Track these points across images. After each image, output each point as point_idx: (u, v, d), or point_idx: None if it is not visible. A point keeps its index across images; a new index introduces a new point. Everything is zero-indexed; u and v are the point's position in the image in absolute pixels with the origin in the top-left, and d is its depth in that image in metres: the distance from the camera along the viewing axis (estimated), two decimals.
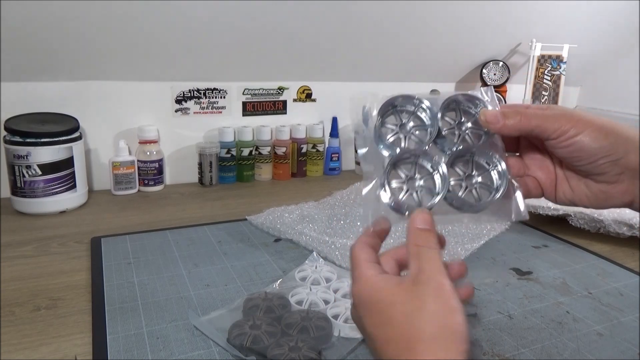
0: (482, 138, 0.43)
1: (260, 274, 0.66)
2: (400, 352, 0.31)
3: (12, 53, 0.89)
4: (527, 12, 1.22)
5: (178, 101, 1.09)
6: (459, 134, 0.43)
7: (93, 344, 0.50)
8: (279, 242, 0.77)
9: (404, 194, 0.41)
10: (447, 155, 0.42)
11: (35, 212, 0.88)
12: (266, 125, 1.15)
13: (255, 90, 1.16)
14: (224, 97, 1.13)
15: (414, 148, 0.42)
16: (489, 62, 1.32)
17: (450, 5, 1.11)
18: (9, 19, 0.82)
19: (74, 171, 0.91)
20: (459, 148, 0.42)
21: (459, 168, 0.42)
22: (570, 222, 0.82)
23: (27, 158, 0.85)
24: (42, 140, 0.86)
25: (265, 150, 1.14)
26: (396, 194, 0.40)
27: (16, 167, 0.86)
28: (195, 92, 1.10)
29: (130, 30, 0.92)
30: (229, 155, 1.11)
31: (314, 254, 0.69)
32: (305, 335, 0.49)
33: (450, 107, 0.43)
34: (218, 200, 1.00)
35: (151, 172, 1.04)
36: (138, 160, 1.03)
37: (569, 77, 1.40)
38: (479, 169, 0.42)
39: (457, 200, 0.41)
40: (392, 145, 0.41)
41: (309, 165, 1.21)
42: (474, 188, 0.42)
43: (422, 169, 0.41)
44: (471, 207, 0.41)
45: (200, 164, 1.09)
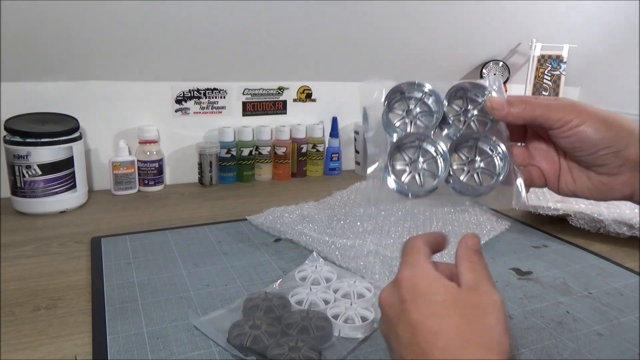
0: (488, 125, 0.44)
1: (260, 274, 0.66)
2: (451, 347, 0.32)
3: (12, 53, 0.89)
4: (527, 12, 1.22)
5: (178, 101, 1.09)
6: (465, 121, 0.44)
7: (93, 344, 0.50)
8: (279, 242, 0.77)
9: (407, 175, 0.42)
10: (452, 140, 0.43)
11: (35, 212, 0.88)
12: (266, 125, 1.15)
13: (255, 90, 1.16)
14: (224, 97, 1.13)
15: (417, 132, 0.43)
16: (489, 62, 1.32)
17: (450, 5, 1.11)
18: (9, 19, 0.82)
19: (74, 171, 0.91)
20: (463, 133, 0.43)
21: (462, 153, 0.43)
22: (570, 222, 0.82)
23: (27, 158, 0.85)
24: (42, 140, 0.86)
25: (265, 150, 1.14)
26: (399, 176, 0.42)
27: (16, 167, 0.86)
28: (195, 92, 1.10)
29: (130, 30, 0.93)
30: (229, 155, 1.11)
31: (314, 254, 0.69)
32: (305, 335, 0.49)
33: (457, 94, 0.44)
34: (218, 200, 1.00)
35: (151, 172, 1.04)
36: (138, 160, 1.03)
37: (569, 77, 1.40)
38: (482, 154, 0.43)
39: (458, 184, 0.42)
40: (398, 130, 0.43)
41: (309, 165, 1.21)
42: (476, 173, 0.43)
43: (426, 153, 0.42)
44: (472, 191, 0.42)
45: (200, 164, 1.09)
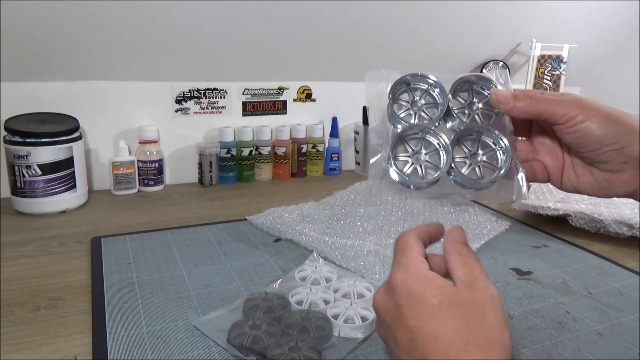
0: (492, 119, 0.43)
1: (260, 274, 0.66)
2: (452, 350, 0.31)
3: (12, 53, 0.89)
4: (527, 12, 1.22)
5: (178, 101, 1.09)
6: (469, 114, 0.43)
7: (93, 344, 0.50)
8: (279, 242, 0.77)
9: (409, 167, 0.42)
10: (456, 133, 0.43)
11: (35, 212, 0.88)
12: (266, 125, 1.15)
13: (255, 90, 1.16)
14: (224, 97, 1.13)
15: (421, 123, 0.43)
16: (489, 62, 1.32)
17: (450, 5, 1.11)
18: (9, 19, 0.82)
19: (74, 171, 0.91)
20: (467, 126, 0.43)
21: (465, 146, 0.43)
22: (570, 222, 0.82)
23: (27, 158, 0.85)
24: (42, 140, 0.86)
25: (265, 150, 1.14)
26: (401, 167, 0.41)
27: (16, 167, 0.86)
28: (195, 92, 1.10)
29: (131, 30, 0.93)
30: (229, 155, 1.11)
31: (314, 254, 0.69)
32: (305, 335, 0.49)
33: (462, 87, 0.44)
34: (218, 200, 1.00)
35: (151, 172, 1.04)
36: (138, 160, 1.03)
37: (569, 77, 1.40)
38: (485, 148, 0.43)
39: (460, 176, 0.42)
40: (403, 121, 0.42)
41: (309, 165, 1.21)
42: (477, 166, 0.43)
43: (428, 145, 0.42)
44: (473, 184, 0.42)
45: (200, 164, 1.09)
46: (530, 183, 0.44)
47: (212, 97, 1.12)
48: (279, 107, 1.19)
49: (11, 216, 0.87)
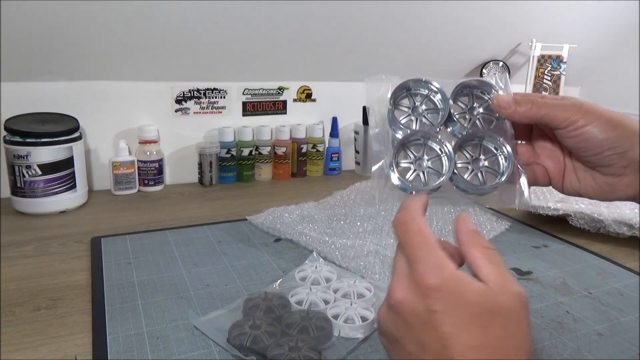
0: (493, 123, 0.43)
1: (260, 274, 0.66)
2: None
3: (12, 53, 0.89)
4: (527, 12, 1.22)
5: (178, 101, 1.09)
6: (470, 119, 0.43)
7: (93, 344, 0.50)
8: (279, 242, 0.77)
9: (412, 173, 0.42)
10: (457, 138, 0.43)
11: (35, 212, 0.88)
12: (266, 125, 1.15)
13: (255, 90, 1.16)
14: (224, 97, 1.13)
15: (423, 130, 0.42)
16: (489, 62, 1.32)
17: (450, 5, 1.11)
18: (9, 19, 0.82)
19: (74, 171, 0.91)
20: (468, 132, 0.43)
21: (467, 152, 0.43)
22: (570, 222, 0.82)
23: (27, 158, 0.85)
24: (42, 140, 0.86)
25: (265, 150, 1.14)
26: (404, 173, 0.41)
27: (16, 167, 0.86)
28: (195, 92, 1.10)
29: (130, 30, 0.93)
30: (229, 155, 1.11)
31: (314, 254, 0.69)
32: (305, 335, 0.49)
33: (463, 92, 0.44)
34: (218, 200, 1.00)
35: (151, 172, 1.04)
36: (138, 160, 1.03)
37: (569, 77, 1.40)
38: (486, 153, 0.43)
39: (462, 182, 0.42)
40: (404, 127, 0.42)
41: (309, 165, 1.21)
42: (479, 171, 0.43)
43: (430, 151, 0.42)
44: (476, 189, 0.42)
45: (200, 164, 1.09)
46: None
47: (212, 97, 1.12)
48: (279, 107, 1.19)
49: (11, 216, 0.87)
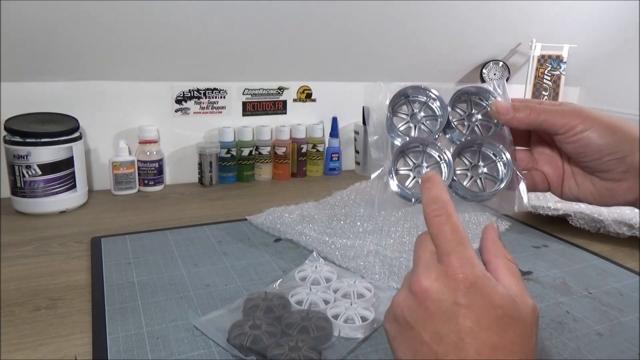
0: (492, 130, 0.43)
1: (260, 274, 0.66)
2: None
3: (12, 53, 0.89)
4: (527, 12, 1.22)
5: (178, 101, 1.09)
6: (469, 125, 0.43)
7: (93, 344, 0.50)
8: (279, 242, 0.77)
9: (411, 181, 0.42)
10: (455, 145, 0.43)
11: (35, 212, 0.88)
12: (266, 125, 1.15)
13: (255, 90, 1.16)
14: (224, 97, 1.13)
15: (422, 137, 0.43)
16: (489, 62, 1.32)
17: (451, 5, 1.11)
18: (9, 18, 0.82)
19: (74, 171, 0.91)
20: (467, 138, 0.43)
21: (466, 158, 0.43)
22: (570, 222, 0.82)
23: (27, 158, 0.85)
24: (42, 140, 0.86)
25: (265, 150, 1.14)
26: (403, 181, 0.41)
27: (16, 167, 0.86)
28: (195, 92, 1.10)
29: (130, 30, 0.93)
30: (229, 155, 1.11)
31: (314, 254, 0.69)
32: (305, 335, 0.49)
33: (461, 98, 0.44)
34: (218, 200, 1.00)
35: (151, 172, 1.04)
36: (138, 160, 1.03)
37: (569, 77, 1.40)
38: (485, 159, 0.43)
39: (461, 189, 0.42)
40: (402, 134, 0.42)
41: (309, 165, 1.21)
42: (479, 178, 0.43)
43: (429, 158, 0.42)
44: (475, 196, 0.42)
45: (200, 164, 1.09)
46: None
47: (212, 97, 1.12)
48: (279, 107, 1.19)
49: (11, 216, 0.87)
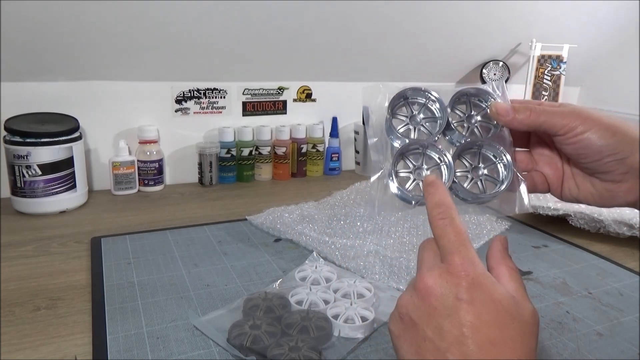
0: (491, 131, 0.43)
1: (260, 274, 0.66)
2: None
3: (12, 53, 0.89)
4: (527, 12, 1.22)
5: (178, 101, 1.09)
6: (468, 127, 0.43)
7: (93, 344, 0.50)
8: (279, 242, 0.77)
9: (411, 183, 0.41)
10: (455, 147, 0.43)
11: (35, 212, 0.88)
12: (266, 125, 1.15)
13: (255, 90, 1.16)
14: (224, 97, 1.13)
15: (422, 139, 0.42)
16: (489, 62, 1.32)
17: (450, 5, 1.11)
18: (9, 18, 0.82)
19: (74, 171, 0.91)
20: (467, 140, 0.42)
21: (466, 160, 0.43)
22: (570, 222, 0.82)
23: (27, 158, 0.85)
24: (42, 140, 0.86)
25: (265, 150, 1.14)
26: (403, 183, 0.41)
27: (16, 167, 0.86)
28: (195, 92, 1.10)
29: (130, 30, 0.93)
30: (229, 155, 1.11)
31: (314, 254, 0.69)
32: (305, 335, 0.49)
33: (460, 100, 0.44)
34: (218, 200, 1.00)
35: (151, 172, 1.04)
36: (138, 160, 1.03)
37: (569, 77, 1.40)
38: (485, 161, 0.43)
39: (462, 191, 0.42)
40: (402, 136, 0.42)
41: (309, 165, 1.21)
42: (479, 180, 0.43)
43: (429, 160, 0.42)
44: (476, 198, 0.42)
45: (200, 164, 1.09)
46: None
47: (212, 97, 1.12)
48: (279, 107, 1.19)
49: (11, 216, 0.87)
